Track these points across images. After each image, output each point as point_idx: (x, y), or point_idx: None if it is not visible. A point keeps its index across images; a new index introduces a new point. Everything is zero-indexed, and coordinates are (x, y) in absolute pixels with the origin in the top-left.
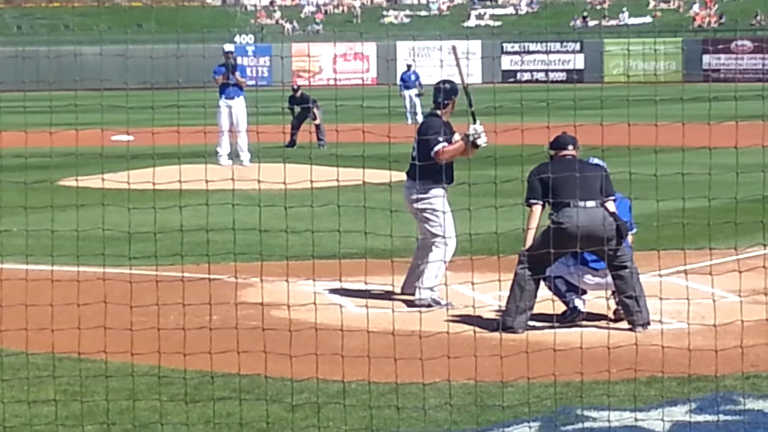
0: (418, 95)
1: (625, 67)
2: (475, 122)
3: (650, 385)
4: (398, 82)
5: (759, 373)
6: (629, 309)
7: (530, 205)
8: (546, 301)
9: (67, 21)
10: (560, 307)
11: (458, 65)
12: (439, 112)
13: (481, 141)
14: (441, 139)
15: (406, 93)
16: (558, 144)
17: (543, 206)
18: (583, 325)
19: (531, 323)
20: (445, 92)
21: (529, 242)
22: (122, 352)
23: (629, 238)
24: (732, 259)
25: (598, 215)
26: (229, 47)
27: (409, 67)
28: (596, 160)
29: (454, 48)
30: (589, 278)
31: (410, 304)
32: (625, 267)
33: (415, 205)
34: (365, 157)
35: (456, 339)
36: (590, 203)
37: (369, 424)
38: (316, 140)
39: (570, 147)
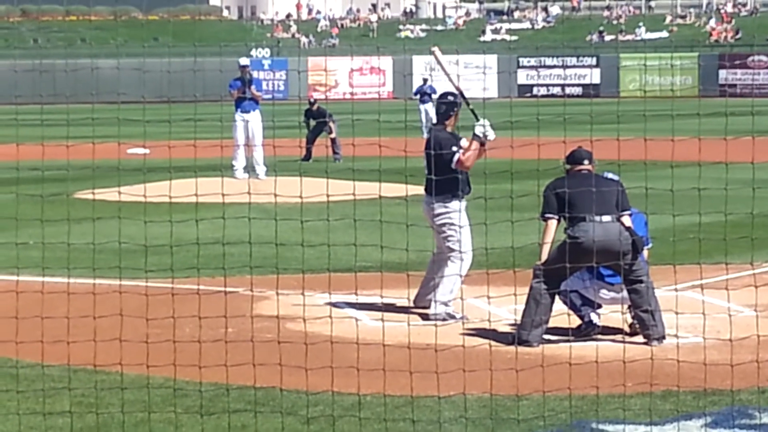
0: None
1: (642, 82)
2: (477, 120)
3: (665, 398)
4: (414, 95)
5: None
6: (645, 323)
7: (546, 220)
8: (561, 315)
9: (83, 34)
10: (575, 321)
11: (441, 66)
12: (442, 125)
13: (490, 135)
14: (455, 148)
15: (422, 107)
16: (574, 159)
17: (558, 221)
18: (598, 339)
19: (546, 337)
20: (448, 105)
21: (544, 256)
22: (138, 364)
23: (645, 252)
24: (748, 274)
25: (613, 230)
26: (244, 61)
27: (425, 80)
28: (610, 175)
29: (433, 52)
30: (604, 293)
31: (425, 317)
32: (641, 281)
33: (436, 220)
34: (381, 170)
35: (471, 352)
36: (606, 218)
37: None
38: (331, 154)
39: (586, 162)
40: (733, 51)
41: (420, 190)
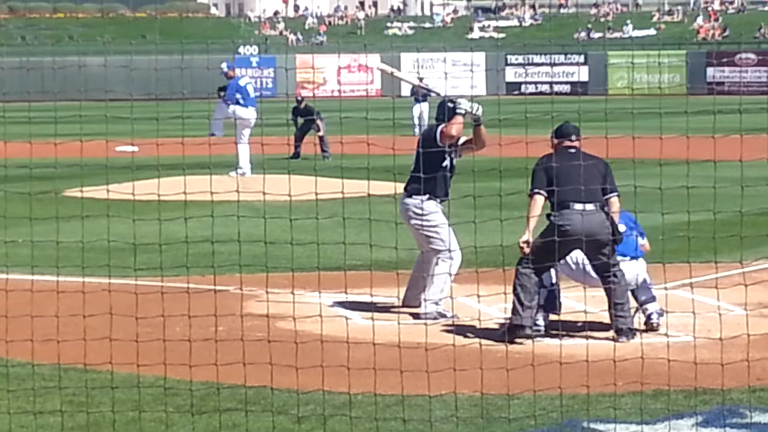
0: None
1: (630, 80)
2: (457, 100)
3: (656, 398)
4: (411, 95)
5: (765, 387)
6: (617, 317)
7: (532, 196)
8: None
9: (71, 32)
10: (565, 316)
11: (393, 75)
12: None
13: (475, 108)
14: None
15: (417, 107)
16: (561, 133)
17: (546, 198)
18: (589, 338)
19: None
20: (449, 109)
21: (530, 227)
22: (128, 363)
23: (646, 244)
24: (737, 273)
25: (597, 220)
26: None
27: (420, 80)
28: None
29: (379, 68)
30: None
31: (416, 316)
32: (616, 275)
33: (413, 222)
34: (370, 168)
35: (462, 351)
36: (589, 206)
37: None
38: (320, 152)
39: (573, 137)
40: (720, 49)
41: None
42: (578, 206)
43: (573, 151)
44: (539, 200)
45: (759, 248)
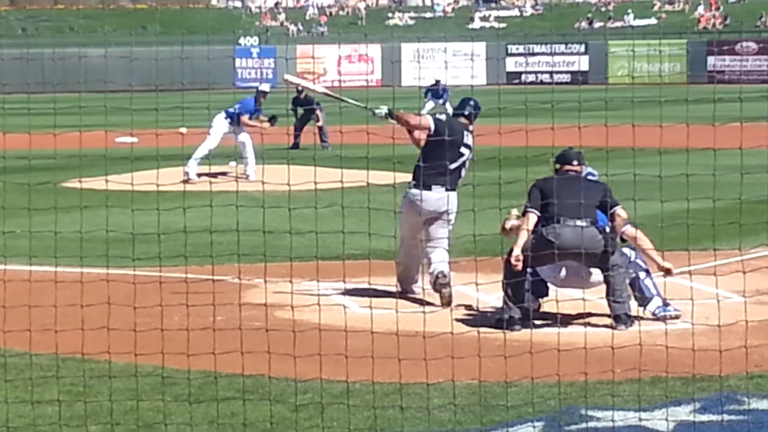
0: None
1: (630, 69)
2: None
3: (654, 385)
4: (425, 96)
5: (763, 373)
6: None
7: (525, 213)
8: (550, 301)
9: (71, 23)
10: (563, 308)
11: (302, 85)
12: (463, 120)
13: (378, 110)
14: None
15: (429, 102)
16: (563, 159)
17: (539, 216)
18: (587, 325)
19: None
20: (470, 107)
21: (520, 241)
22: (126, 352)
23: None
24: (736, 260)
25: (588, 233)
26: (264, 87)
27: (437, 81)
28: (589, 169)
29: (286, 79)
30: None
31: (416, 301)
32: (614, 265)
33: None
34: (369, 158)
35: (460, 339)
36: (580, 222)
37: (373, 425)
38: (319, 142)
39: (574, 162)
40: (721, 37)
41: (408, 177)
42: (569, 222)
43: (573, 174)
44: (532, 218)
45: (758, 236)
